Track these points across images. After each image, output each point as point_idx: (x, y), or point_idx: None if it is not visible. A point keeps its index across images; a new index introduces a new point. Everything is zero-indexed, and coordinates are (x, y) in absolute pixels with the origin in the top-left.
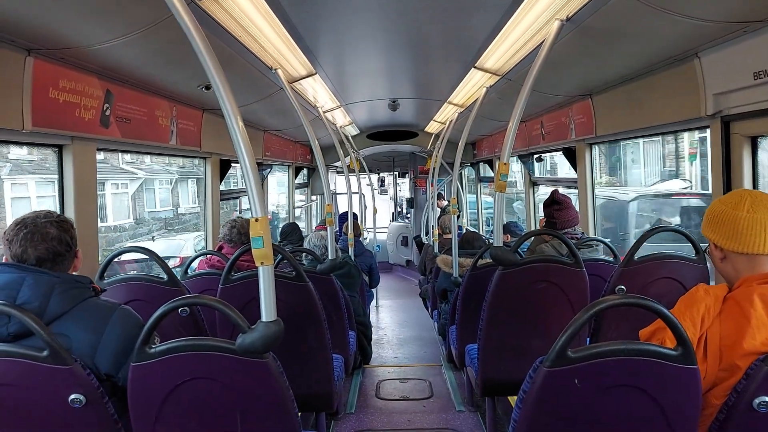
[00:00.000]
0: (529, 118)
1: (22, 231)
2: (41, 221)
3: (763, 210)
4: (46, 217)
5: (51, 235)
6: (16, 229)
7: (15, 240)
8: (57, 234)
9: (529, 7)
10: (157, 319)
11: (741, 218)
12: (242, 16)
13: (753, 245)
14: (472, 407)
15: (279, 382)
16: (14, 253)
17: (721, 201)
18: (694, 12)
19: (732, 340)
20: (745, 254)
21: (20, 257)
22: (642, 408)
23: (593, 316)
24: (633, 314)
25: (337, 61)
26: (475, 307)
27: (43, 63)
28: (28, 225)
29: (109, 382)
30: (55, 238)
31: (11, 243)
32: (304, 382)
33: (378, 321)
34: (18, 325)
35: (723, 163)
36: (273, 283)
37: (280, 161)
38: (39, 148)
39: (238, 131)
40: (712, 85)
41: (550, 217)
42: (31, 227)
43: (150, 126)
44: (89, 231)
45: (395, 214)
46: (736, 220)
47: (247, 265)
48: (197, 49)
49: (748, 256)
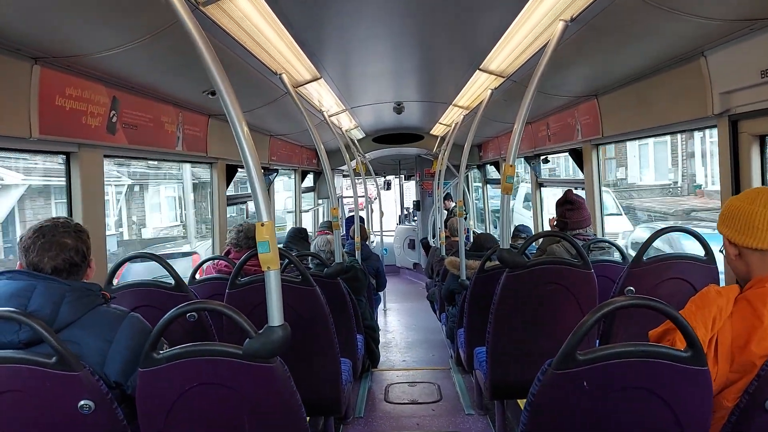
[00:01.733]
0: (534, 119)
1: (40, 240)
2: (59, 231)
3: None
4: (64, 226)
5: (68, 246)
6: (33, 237)
7: (32, 248)
8: (74, 245)
9: (533, 8)
10: (164, 324)
11: (757, 213)
12: (246, 22)
13: (767, 240)
14: (481, 410)
15: (287, 386)
16: (30, 261)
17: (737, 197)
18: (700, 10)
19: (744, 341)
20: (760, 250)
21: (36, 266)
22: (653, 410)
23: (602, 317)
24: (642, 316)
25: (342, 65)
26: (483, 309)
27: (49, 71)
28: (45, 234)
29: (119, 390)
30: (72, 249)
31: (28, 251)
32: (312, 386)
33: (386, 324)
34: (29, 332)
35: (731, 162)
36: (280, 288)
37: (286, 165)
38: (46, 155)
39: (243, 136)
40: (718, 84)
41: (562, 217)
42: (49, 237)
43: (156, 132)
44: (97, 238)
45: (402, 217)
46: (751, 216)
47: (254, 270)
48: (202, 55)
49: (763, 253)
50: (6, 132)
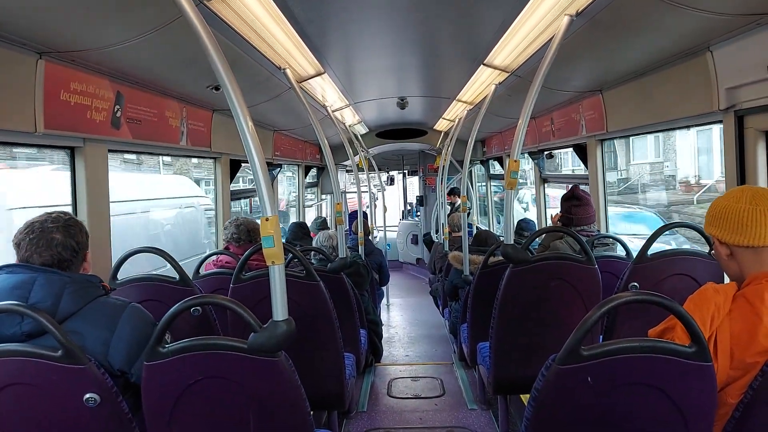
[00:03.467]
0: (539, 114)
1: (29, 236)
2: (48, 226)
3: (765, 202)
4: (54, 221)
5: (56, 242)
6: (24, 233)
7: (22, 244)
8: (62, 240)
9: (538, 2)
10: (169, 318)
11: (744, 210)
12: (250, 16)
13: (758, 237)
14: (484, 405)
15: (291, 381)
16: (22, 257)
17: (722, 198)
18: (706, 5)
19: (744, 339)
20: (751, 248)
21: (27, 262)
22: (657, 405)
23: (606, 313)
24: (646, 312)
25: (345, 60)
26: (486, 305)
27: (54, 66)
28: (35, 230)
29: (123, 378)
30: (60, 244)
31: (19, 247)
32: (316, 380)
33: (389, 319)
34: (31, 324)
35: (737, 158)
36: (284, 283)
37: (289, 161)
38: (51, 150)
39: (247, 131)
40: (724, 79)
41: (567, 212)
42: (38, 233)
43: (160, 127)
44: (102, 232)
45: (405, 212)
46: (739, 213)
47: (257, 265)
48: (206, 49)
49: (755, 250)
50: (11, 126)
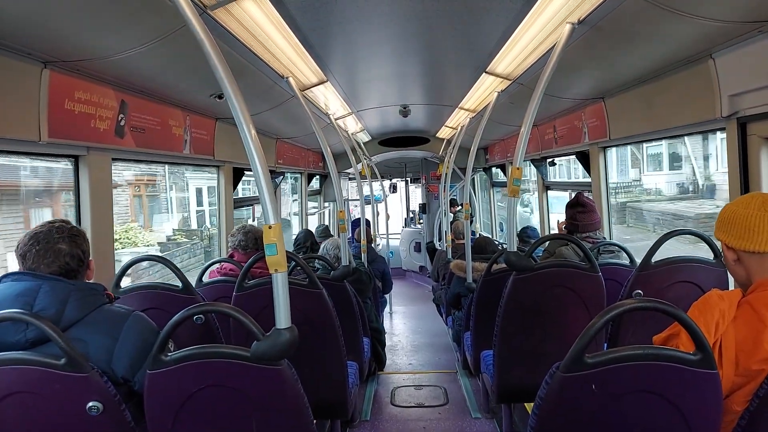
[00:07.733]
0: (541, 122)
1: (35, 247)
2: (54, 237)
3: None
4: (59, 231)
5: (63, 252)
6: (29, 244)
7: (28, 256)
8: (69, 250)
9: (540, 10)
10: (173, 326)
11: (752, 216)
12: (254, 26)
13: (764, 242)
14: (488, 414)
15: (294, 389)
16: (28, 268)
17: (732, 203)
18: (708, 12)
19: (749, 346)
20: (758, 253)
21: (33, 273)
22: (662, 414)
23: (610, 320)
24: (651, 319)
25: (348, 69)
26: (489, 312)
27: (58, 75)
28: (40, 241)
29: (126, 386)
30: (68, 255)
31: (24, 258)
32: (319, 389)
33: (392, 327)
34: (36, 332)
35: (740, 165)
36: (287, 290)
37: (292, 168)
38: (55, 159)
39: (250, 139)
40: (727, 86)
41: (572, 219)
42: (44, 244)
43: (164, 135)
44: (105, 241)
45: (408, 220)
46: (747, 219)
47: (260, 273)
48: (210, 58)
49: (761, 256)
50: (16, 135)
